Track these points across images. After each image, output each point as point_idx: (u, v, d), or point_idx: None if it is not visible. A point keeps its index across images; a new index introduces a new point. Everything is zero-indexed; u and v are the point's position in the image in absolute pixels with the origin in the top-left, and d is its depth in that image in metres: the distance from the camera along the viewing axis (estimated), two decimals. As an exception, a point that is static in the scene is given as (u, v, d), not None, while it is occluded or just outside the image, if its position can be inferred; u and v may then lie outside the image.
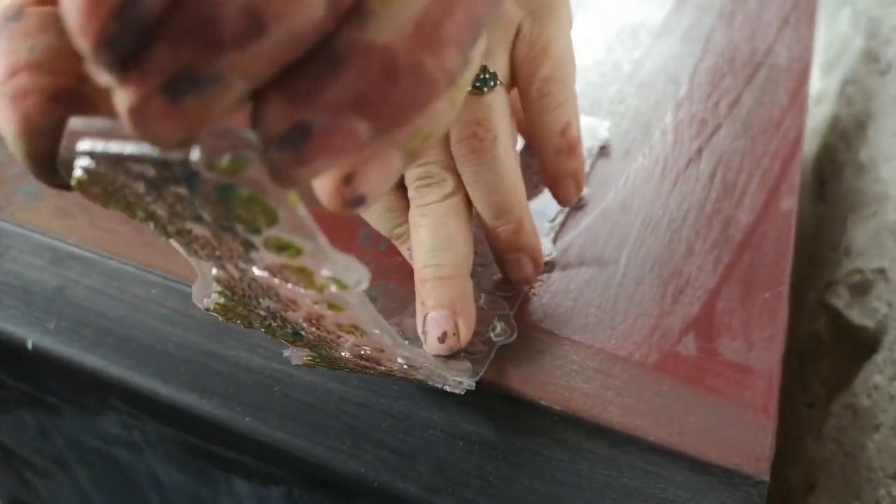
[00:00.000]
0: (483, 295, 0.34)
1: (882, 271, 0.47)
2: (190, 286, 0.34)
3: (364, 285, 0.19)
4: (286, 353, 0.28)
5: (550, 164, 0.34)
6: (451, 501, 0.28)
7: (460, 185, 0.33)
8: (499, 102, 0.33)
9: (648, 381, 0.32)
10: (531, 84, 0.34)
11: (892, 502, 0.39)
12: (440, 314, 0.31)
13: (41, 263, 0.35)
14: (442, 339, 0.31)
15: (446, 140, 0.33)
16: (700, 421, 0.30)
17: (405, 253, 0.35)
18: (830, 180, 0.63)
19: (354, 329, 0.23)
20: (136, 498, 0.41)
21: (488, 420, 0.30)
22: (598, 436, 0.30)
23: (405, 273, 0.36)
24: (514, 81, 0.35)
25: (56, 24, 0.18)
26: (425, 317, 0.31)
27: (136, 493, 0.41)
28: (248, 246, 0.19)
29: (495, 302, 0.34)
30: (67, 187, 0.18)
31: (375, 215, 0.34)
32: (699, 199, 0.40)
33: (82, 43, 0.13)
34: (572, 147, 0.34)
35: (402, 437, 0.30)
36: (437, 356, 0.31)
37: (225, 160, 0.15)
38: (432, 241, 0.32)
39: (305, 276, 0.20)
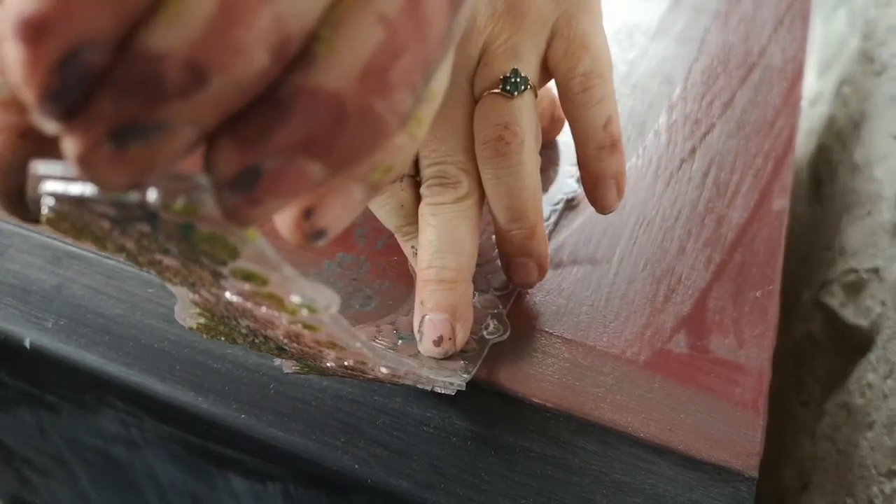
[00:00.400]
0: (477, 293, 0.34)
1: (876, 271, 0.48)
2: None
3: (334, 309, 0.20)
4: (276, 361, 0.29)
5: (592, 162, 0.33)
6: (444, 497, 0.28)
7: (474, 188, 0.33)
8: (528, 107, 0.32)
9: (640, 379, 0.32)
10: (572, 79, 0.33)
11: (886, 500, 0.39)
12: (438, 318, 0.31)
13: (39, 262, 0.36)
14: (438, 342, 0.31)
15: (466, 140, 0.33)
16: (690, 418, 0.31)
17: (408, 251, 0.35)
18: (825, 180, 0.63)
19: (333, 345, 0.24)
20: (135, 495, 0.41)
21: (481, 417, 0.31)
22: (590, 432, 0.30)
23: (401, 271, 0.36)
24: (547, 80, 0.35)
25: None
26: (423, 318, 0.31)
27: (135, 491, 0.41)
28: (217, 275, 0.20)
29: (489, 300, 0.34)
30: (38, 221, 0.19)
31: (385, 210, 0.34)
32: (692, 199, 0.41)
33: (26, 95, 0.14)
34: (615, 143, 0.33)
35: (396, 433, 0.30)
36: (426, 357, 0.31)
37: (179, 203, 0.16)
38: (440, 242, 0.32)
39: (276, 302, 0.20)
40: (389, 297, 0.35)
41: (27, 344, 0.33)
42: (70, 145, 0.14)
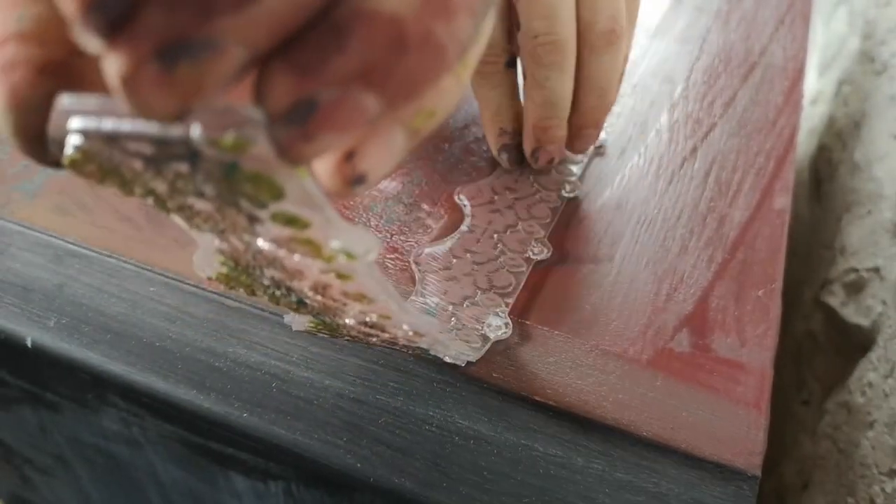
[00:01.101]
0: (479, 291, 0.34)
1: (876, 270, 0.48)
2: (188, 283, 0.35)
3: (374, 254, 0.19)
4: (287, 319, 0.29)
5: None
6: (447, 496, 0.28)
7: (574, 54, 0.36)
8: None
9: (642, 377, 0.32)
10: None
11: (887, 499, 0.39)
12: (557, 147, 0.39)
13: (41, 261, 0.36)
14: (551, 162, 0.40)
15: (573, 11, 0.35)
16: (693, 416, 0.31)
17: (494, 135, 0.40)
18: (826, 179, 0.63)
19: (361, 297, 0.23)
20: (136, 494, 0.41)
21: (483, 416, 0.31)
22: (592, 431, 0.30)
23: (400, 267, 0.36)
24: None
25: None
26: (538, 148, 0.39)
27: (136, 490, 0.41)
28: (253, 219, 0.19)
29: (491, 299, 0.34)
30: (58, 164, 0.18)
31: (497, 93, 0.39)
32: (693, 198, 0.41)
33: (68, 6, 0.13)
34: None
35: (398, 432, 0.30)
36: (440, 332, 0.32)
37: (228, 138, 0.15)
38: (556, 99, 0.37)
39: (313, 248, 0.20)
40: (391, 296, 0.35)
41: (29, 343, 0.33)
42: (113, 65, 0.13)
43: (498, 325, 0.33)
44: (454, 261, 0.36)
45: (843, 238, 0.55)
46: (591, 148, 0.42)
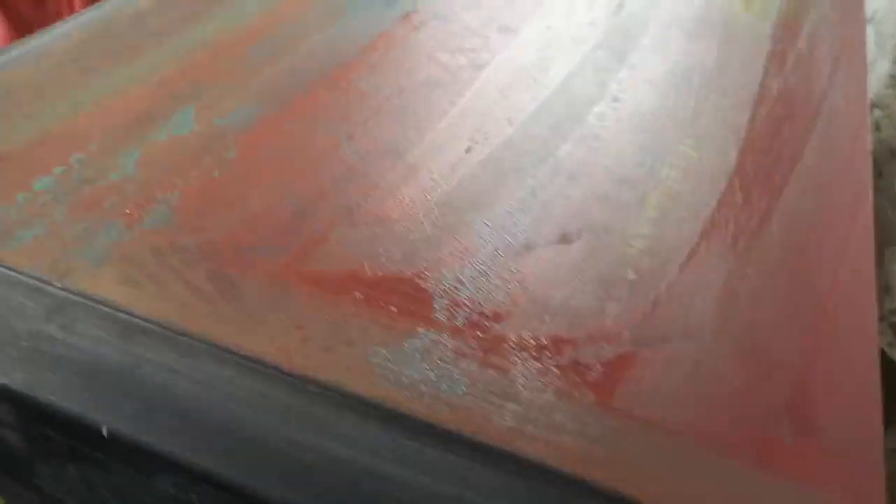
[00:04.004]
0: None
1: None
2: (266, 364, 0.33)
3: None
4: None
5: None
6: None
7: None
8: None
9: (744, 476, 0.31)
10: None
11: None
12: None
13: (109, 338, 0.34)
14: None
15: None
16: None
17: None
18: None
19: None
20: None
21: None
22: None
23: (488, 348, 0.34)
24: None
25: None
26: None
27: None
28: None
29: None
30: None
31: None
32: (776, 262, 0.39)
33: None
34: None
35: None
36: None
37: None
38: None
39: None
40: (478, 380, 0.33)
41: (104, 432, 0.31)
42: None
43: None
44: None
45: (888, 276, 0.54)
46: None
